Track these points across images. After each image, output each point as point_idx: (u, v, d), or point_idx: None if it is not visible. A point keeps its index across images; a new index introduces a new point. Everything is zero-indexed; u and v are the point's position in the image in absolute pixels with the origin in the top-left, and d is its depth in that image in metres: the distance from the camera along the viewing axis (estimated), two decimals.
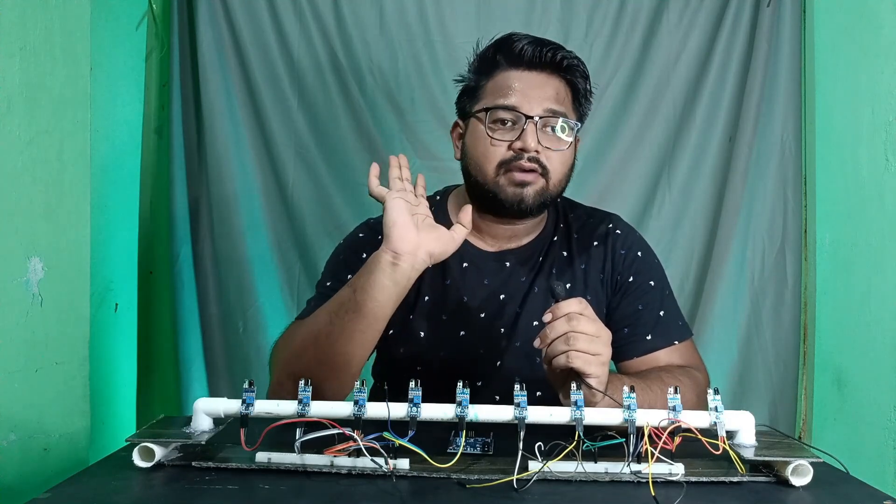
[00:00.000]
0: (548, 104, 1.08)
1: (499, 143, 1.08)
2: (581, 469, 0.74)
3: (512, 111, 1.07)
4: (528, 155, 1.06)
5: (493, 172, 1.08)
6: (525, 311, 1.14)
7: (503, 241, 1.17)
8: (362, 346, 0.98)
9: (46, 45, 1.16)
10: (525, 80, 1.09)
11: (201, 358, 1.79)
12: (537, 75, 1.10)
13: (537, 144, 1.06)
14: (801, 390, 1.80)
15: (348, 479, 0.74)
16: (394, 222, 0.96)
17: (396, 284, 0.96)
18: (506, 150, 1.07)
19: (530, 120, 1.06)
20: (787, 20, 1.80)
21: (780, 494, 0.72)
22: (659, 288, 1.16)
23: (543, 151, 1.07)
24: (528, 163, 1.06)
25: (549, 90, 1.09)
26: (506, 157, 1.07)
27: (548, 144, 1.07)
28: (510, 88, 1.09)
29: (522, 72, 1.10)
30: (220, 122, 1.78)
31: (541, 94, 1.08)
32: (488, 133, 1.08)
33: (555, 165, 1.08)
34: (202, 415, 0.79)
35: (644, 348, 1.11)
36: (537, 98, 1.08)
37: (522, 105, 1.07)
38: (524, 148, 1.06)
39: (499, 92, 1.09)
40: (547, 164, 1.08)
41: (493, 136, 1.08)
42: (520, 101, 1.07)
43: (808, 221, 1.81)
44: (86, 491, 0.70)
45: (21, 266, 1.11)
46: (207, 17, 1.78)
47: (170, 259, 1.80)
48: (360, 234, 1.20)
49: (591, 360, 0.83)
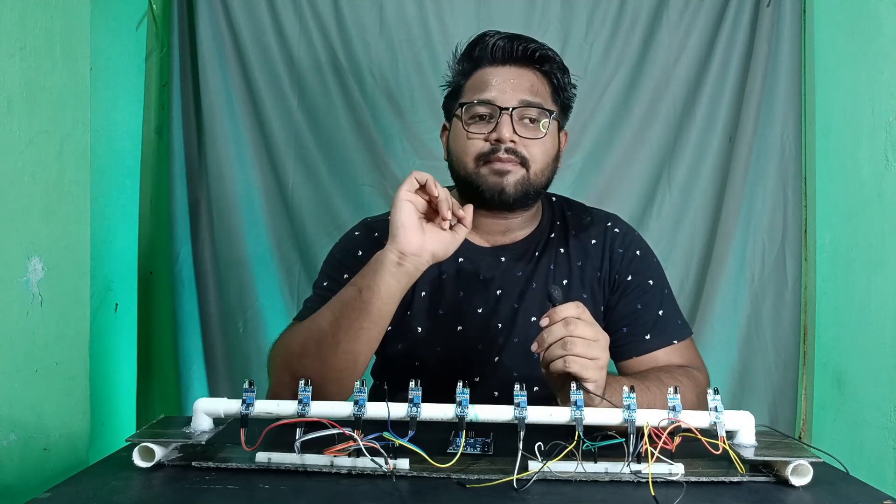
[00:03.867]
0: (522, 95, 1.10)
1: (475, 136, 1.10)
2: (581, 469, 0.74)
3: (488, 105, 1.09)
4: (504, 146, 1.07)
5: (473, 164, 1.10)
6: (522, 307, 1.14)
7: (497, 235, 1.17)
8: (367, 344, 0.98)
9: (46, 45, 1.16)
10: (500, 75, 1.12)
11: (201, 358, 1.79)
12: (512, 69, 1.12)
13: (512, 134, 1.07)
14: (801, 390, 1.80)
15: (348, 479, 0.74)
16: (402, 224, 0.95)
17: (399, 283, 0.97)
18: (483, 143, 1.09)
19: (505, 111, 1.08)
20: (787, 20, 1.80)
21: (779, 494, 0.72)
22: (658, 287, 1.16)
23: (520, 141, 1.08)
24: (505, 154, 1.08)
25: (525, 82, 1.11)
26: (483, 150, 1.09)
27: (524, 134, 1.09)
28: (486, 84, 1.11)
29: (497, 67, 1.12)
30: (220, 122, 1.78)
31: (515, 86, 1.10)
32: (465, 128, 1.10)
33: (534, 154, 1.10)
34: (202, 415, 0.79)
35: (643, 348, 1.11)
36: (511, 90, 1.10)
37: (497, 98, 1.09)
38: (500, 139, 1.07)
39: (476, 89, 1.12)
40: (525, 153, 1.09)
41: (470, 131, 1.10)
42: (495, 95, 1.10)
43: (808, 221, 1.81)
44: (86, 491, 0.70)
45: (21, 266, 1.11)
46: (207, 17, 1.78)
47: (170, 259, 1.80)
48: (356, 232, 1.20)
49: (589, 365, 0.83)
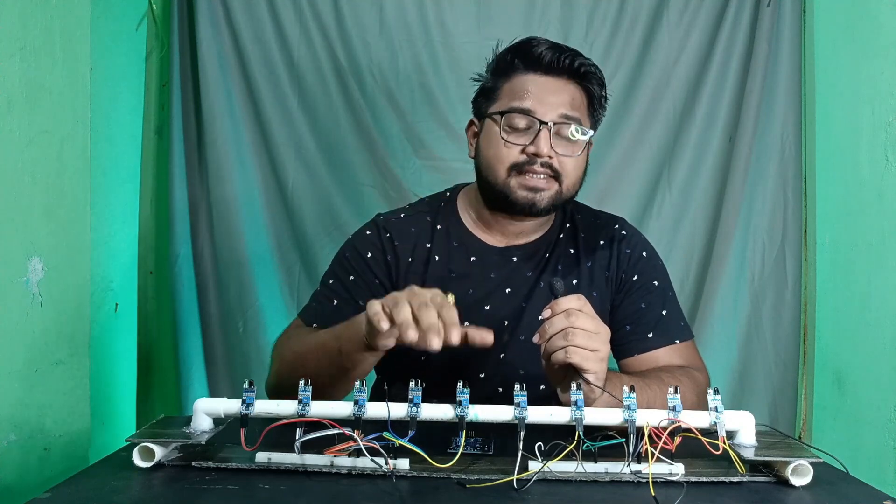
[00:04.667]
0: (563, 110, 1.08)
1: (512, 146, 1.08)
2: (581, 469, 0.74)
3: (527, 115, 1.08)
4: (540, 160, 1.07)
5: (505, 174, 1.09)
6: (530, 305, 1.14)
7: (511, 237, 1.18)
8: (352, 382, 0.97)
9: (46, 45, 1.16)
10: (541, 85, 1.10)
11: (201, 358, 1.79)
12: (554, 80, 1.10)
13: (550, 150, 1.07)
14: (801, 390, 1.80)
15: (348, 479, 0.74)
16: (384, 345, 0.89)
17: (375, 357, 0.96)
18: (519, 154, 1.08)
19: (545, 125, 1.07)
20: (787, 20, 1.80)
21: (780, 494, 0.72)
22: (662, 288, 1.17)
23: (556, 157, 1.08)
24: (540, 168, 1.07)
25: (565, 96, 1.10)
26: (518, 161, 1.08)
27: (561, 150, 1.08)
28: (526, 92, 1.09)
29: (539, 76, 1.10)
30: (220, 122, 1.78)
31: (556, 100, 1.09)
32: (503, 136, 1.09)
33: (567, 170, 1.10)
34: (202, 415, 0.79)
35: (645, 346, 1.12)
36: (552, 103, 1.08)
37: (537, 110, 1.08)
38: (537, 153, 1.07)
39: (515, 95, 1.10)
40: (560, 168, 1.09)
41: (507, 140, 1.09)
42: (535, 105, 1.08)
43: (808, 221, 1.81)
44: (86, 491, 0.70)
45: (21, 266, 1.11)
46: (207, 17, 1.78)
47: (170, 259, 1.80)
48: (368, 231, 1.20)
49: (590, 357, 0.83)
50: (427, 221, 1.19)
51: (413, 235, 1.17)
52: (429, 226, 1.18)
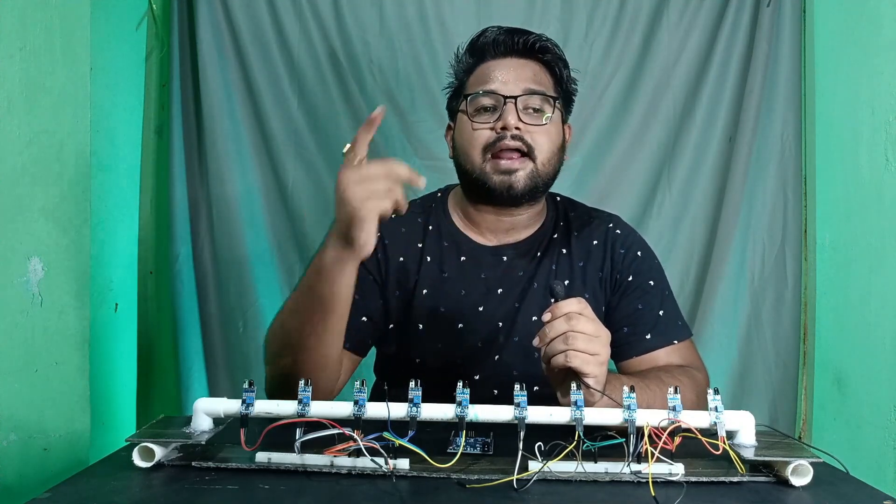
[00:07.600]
0: (526, 84, 1.10)
1: (481, 127, 1.10)
2: (581, 469, 0.74)
3: (492, 95, 1.10)
4: (510, 133, 1.08)
5: (480, 158, 1.10)
6: (524, 306, 1.14)
7: (501, 234, 1.18)
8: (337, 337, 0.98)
9: (46, 45, 1.16)
10: (503, 67, 1.12)
11: (201, 358, 1.79)
12: (514, 60, 1.13)
13: (518, 121, 1.08)
14: (801, 390, 1.80)
15: (348, 479, 0.74)
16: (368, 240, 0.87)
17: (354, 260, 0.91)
18: (489, 133, 1.09)
19: (510, 99, 1.08)
20: (787, 20, 1.80)
21: (780, 494, 0.72)
22: (658, 288, 1.16)
23: (525, 129, 1.08)
24: (511, 141, 1.08)
25: (527, 72, 1.12)
26: (490, 140, 1.09)
27: (529, 121, 1.09)
28: (490, 76, 1.12)
29: (500, 60, 1.13)
30: (220, 122, 1.78)
31: (518, 76, 1.11)
32: (470, 119, 1.11)
33: (540, 143, 1.10)
34: (202, 415, 0.79)
35: (643, 347, 1.11)
36: (515, 80, 1.11)
37: (501, 89, 1.10)
38: (505, 126, 1.08)
39: (480, 82, 1.13)
40: (531, 142, 1.09)
41: (475, 121, 1.11)
42: (498, 86, 1.10)
43: (808, 221, 1.81)
44: (86, 491, 0.69)
45: (21, 266, 1.11)
46: (207, 17, 1.78)
47: (170, 259, 1.80)
48: None
49: (590, 360, 0.83)
50: (418, 223, 1.19)
51: (403, 236, 1.17)
52: (420, 226, 1.19)
